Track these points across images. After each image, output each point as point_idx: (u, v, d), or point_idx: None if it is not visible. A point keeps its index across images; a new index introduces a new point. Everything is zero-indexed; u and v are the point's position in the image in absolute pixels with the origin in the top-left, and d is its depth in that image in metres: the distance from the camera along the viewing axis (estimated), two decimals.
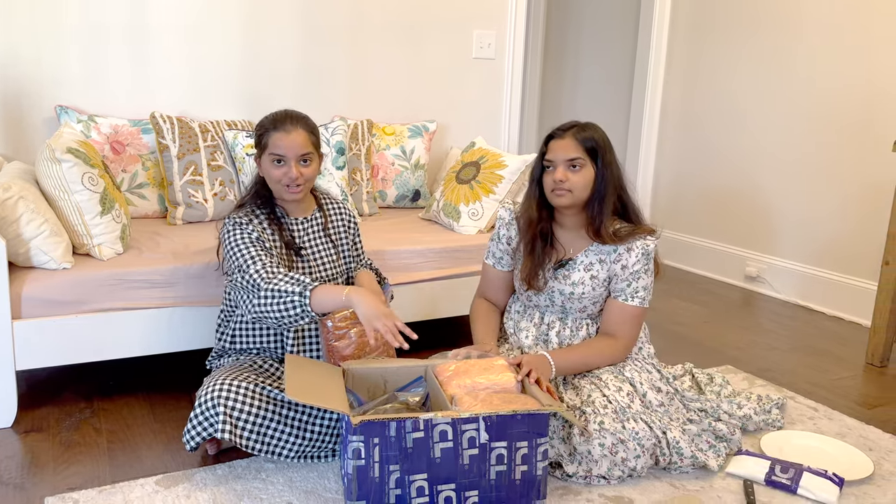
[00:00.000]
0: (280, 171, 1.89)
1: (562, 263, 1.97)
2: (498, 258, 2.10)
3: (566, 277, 1.96)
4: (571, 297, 1.96)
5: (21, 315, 1.96)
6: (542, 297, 2.01)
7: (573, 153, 1.88)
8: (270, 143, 1.89)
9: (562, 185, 1.88)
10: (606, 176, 1.90)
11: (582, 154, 1.88)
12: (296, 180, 1.89)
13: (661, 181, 4.22)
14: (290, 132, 1.88)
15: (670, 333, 2.98)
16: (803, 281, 3.45)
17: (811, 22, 3.34)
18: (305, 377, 1.65)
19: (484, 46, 3.53)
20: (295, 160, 1.88)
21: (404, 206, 3.21)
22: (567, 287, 1.96)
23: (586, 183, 1.89)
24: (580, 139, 1.89)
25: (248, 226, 1.88)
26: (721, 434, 1.88)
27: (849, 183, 3.24)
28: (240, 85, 3.02)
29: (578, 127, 1.92)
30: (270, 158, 1.89)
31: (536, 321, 2.05)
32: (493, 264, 2.11)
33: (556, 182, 1.88)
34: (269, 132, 1.90)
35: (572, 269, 1.96)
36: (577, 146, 1.88)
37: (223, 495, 1.68)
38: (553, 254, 1.99)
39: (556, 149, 1.90)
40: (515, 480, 1.60)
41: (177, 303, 2.14)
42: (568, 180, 1.88)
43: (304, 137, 1.90)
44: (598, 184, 1.91)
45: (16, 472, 1.77)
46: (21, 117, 2.67)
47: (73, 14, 2.67)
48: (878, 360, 2.68)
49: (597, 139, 1.90)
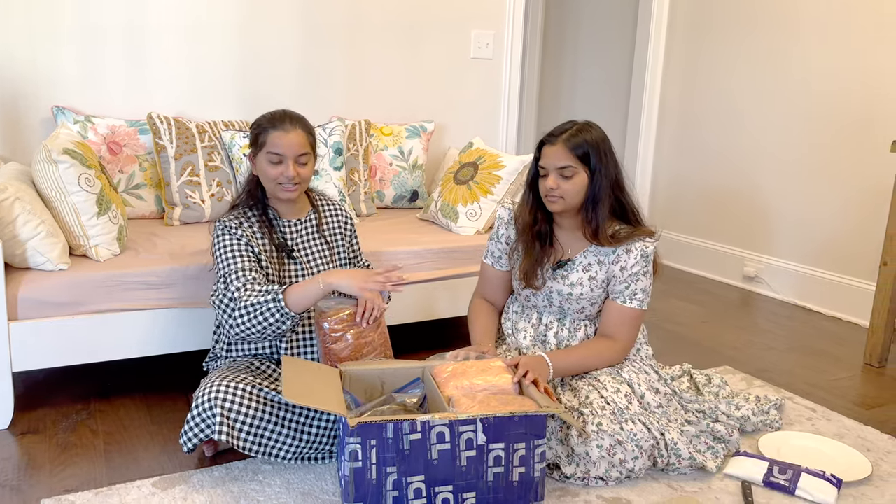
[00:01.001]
0: (277, 170, 1.88)
1: (560, 264, 1.97)
2: (497, 258, 2.09)
3: (564, 278, 1.96)
4: (570, 297, 1.96)
5: (17, 316, 1.96)
6: (541, 298, 2.01)
7: (563, 161, 1.85)
8: (268, 142, 1.88)
9: (553, 193, 1.87)
10: (600, 181, 1.87)
11: (573, 161, 1.85)
12: (292, 179, 1.89)
13: (659, 181, 4.22)
14: (289, 132, 1.88)
15: (668, 334, 2.98)
16: (801, 281, 3.45)
17: (809, 22, 3.34)
18: (302, 379, 1.64)
19: (482, 46, 3.53)
20: (292, 159, 1.88)
21: (402, 207, 3.20)
22: (565, 287, 1.96)
23: (578, 189, 1.87)
24: (571, 146, 1.85)
25: (237, 230, 1.88)
26: (719, 435, 1.88)
27: (847, 183, 3.24)
28: (237, 85, 3.01)
29: (571, 132, 1.87)
30: (267, 157, 1.89)
31: (534, 322, 2.04)
32: (492, 264, 2.11)
33: (548, 189, 1.87)
34: (267, 131, 1.89)
35: (571, 270, 1.96)
36: (567, 154, 1.85)
37: (220, 497, 1.67)
38: (552, 253, 1.98)
39: (548, 155, 1.88)
40: (513, 482, 1.60)
41: (174, 304, 2.14)
42: (559, 188, 1.86)
43: (303, 137, 1.90)
44: (591, 189, 1.88)
45: (12, 473, 1.77)
46: (18, 118, 2.66)
47: (69, 14, 2.67)
48: (876, 361, 2.68)
49: (591, 143, 1.86)
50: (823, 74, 3.30)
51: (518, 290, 2.07)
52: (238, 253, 1.85)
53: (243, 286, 1.80)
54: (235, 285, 1.81)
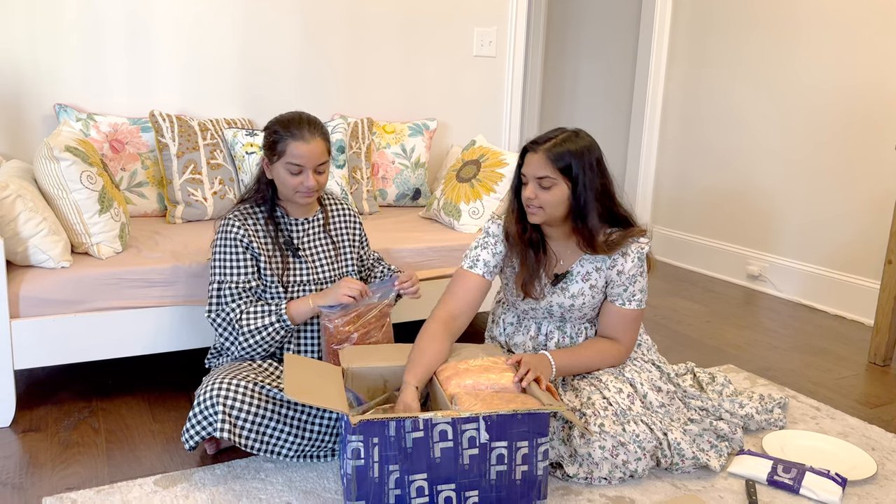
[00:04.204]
0: (297, 179, 1.87)
1: (558, 277, 1.92)
2: (491, 267, 1.93)
3: (564, 290, 1.92)
4: (572, 308, 1.93)
5: (19, 314, 1.95)
6: (540, 311, 1.96)
7: (542, 171, 1.77)
8: (288, 152, 1.85)
9: (532, 203, 1.80)
10: (583, 194, 1.78)
11: (552, 173, 1.77)
12: (312, 189, 1.89)
13: (662, 179, 4.21)
14: (310, 141, 1.86)
15: (672, 332, 2.97)
16: (805, 280, 3.44)
17: (814, 21, 3.33)
18: (305, 376, 1.64)
19: (485, 44, 3.52)
20: (312, 169, 1.88)
21: (405, 205, 3.19)
22: (567, 300, 1.92)
23: (558, 201, 1.79)
24: (552, 157, 1.76)
25: (240, 230, 1.88)
26: (723, 433, 1.87)
27: (852, 182, 3.23)
28: (240, 83, 3.01)
29: (555, 141, 1.78)
30: (287, 167, 1.86)
31: (533, 333, 2.00)
32: (483, 274, 1.91)
33: (526, 199, 1.81)
34: (286, 140, 1.85)
35: (570, 282, 1.91)
36: (547, 164, 1.77)
37: (222, 495, 1.67)
38: (546, 260, 1.92)
39: (529, 164, 1.81)
40: (516, 480, 1.59)
41: (176, 302, 2.13)
42: (537, 198, 1.79)
43: (323, 147, 1.89)
44: (575, 201, 1.80)
45: (14, 472, 1.76)
46: (20, 115, 2.66)
47: (72, 11, 2.66)
48: (880, 360, 2.66)
49: (574, 154, 1.77)
50: (827, 73, 3.28)
51: (515, 302, 2.00)
52: (234, 261, 1.87)
53: (238, 307, 1.84)
54: (231, 306, 1.85)
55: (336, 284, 1.91)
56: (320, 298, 1.89)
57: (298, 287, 1.94)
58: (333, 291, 1.88)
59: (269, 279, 1.90)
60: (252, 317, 1.84)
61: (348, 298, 1.86)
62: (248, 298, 1.87)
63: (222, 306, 1.85)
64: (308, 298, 1.89)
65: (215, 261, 1.88)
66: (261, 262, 1.89)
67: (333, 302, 1.87)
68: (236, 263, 1.87)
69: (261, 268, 1.90)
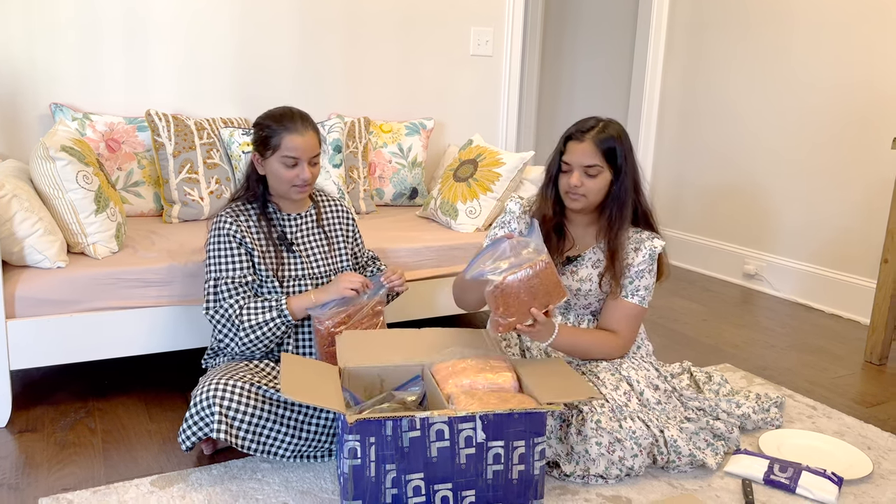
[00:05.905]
0: (293, 172, 1.89)
1: (570, 259, 1.96)
2: None
3: (574, 273, 1.95)
4: (578, 293, 1.96)
5: (15, 314, 1.95)
6: None
7: (590, 160, 1.84)
8: (283, 145, 1.87)
9: (577, 191, 1.87)
10: (625, 182, 1.87)
11: (600, 161, 1.84)
12: (308, 181, 1.91)
13: (659, 178, 4.21)
14: (304, 134, 1.89)
15: (669, 331, 2.97)
16: (802, 278, 3.44)
17: (811, 18, 3.33)
18: (301, 376, 1.64)
19: (481, 43, 3.52)
20: (307, 161, 1.90)
21: (401, 204, 3.19)
22: (574, 283, 1.95)
23: (601, 188, 1.87)
24: (599, 144, 1.84)
25: (232, 225, 1.88)
26: (719, 432, 1.87)
27: (848, 180, 3.23)
28: (236, 83, 3.00)
29: (598, 129, 1.86)
30: (283, 161, 1.88)
31: None
32: None
33: (572, 187, 1.87)
34: (280, 133, 1.88)
35: (580, 265, 1.95)
36: (595, 152, 1.84)
37: (218, 496, 1.66)
38: (563, 244, 1.97)
39: (575, 152, 1.86)
40: (512, 480, 1.59)
41: (172, 302, 2.13)
42: (583, 186, 1.86)
43: (316, 138, 1.93)
44: (615, 190, 1.88)
45: (10, 472, 1.76)
46: (15, 115, 2.65)
47: (68, 10, 2.66)
48: (876, 358, 2.67)
49: (616, 142, 1.85)
50: (824, 71, 3.29)
51: None
52: (229, 257, 1.87)
53: (236, 302, 1.84)
54: (230, 302, 1.84)
55: (337, 278, 1.92)
56: (322, 293, 1.90)
57: (294, 282, 1.94)
58: (335, 285, 1.90)
59: (264, 275, 1.90)
60: (252, 312, 1.84)
61: (350, 292, 1.87)
62: (245, 294, 1.87)
63: (220, 302, 1.85)
64: (310, 293, 1.90)
65: (210, 258, 1.89)
66: (255, 258, 1.90)
67: (336, 296, 1.88)
68: (231, 259, 1.87)
69: (255, 263, 1.90)
